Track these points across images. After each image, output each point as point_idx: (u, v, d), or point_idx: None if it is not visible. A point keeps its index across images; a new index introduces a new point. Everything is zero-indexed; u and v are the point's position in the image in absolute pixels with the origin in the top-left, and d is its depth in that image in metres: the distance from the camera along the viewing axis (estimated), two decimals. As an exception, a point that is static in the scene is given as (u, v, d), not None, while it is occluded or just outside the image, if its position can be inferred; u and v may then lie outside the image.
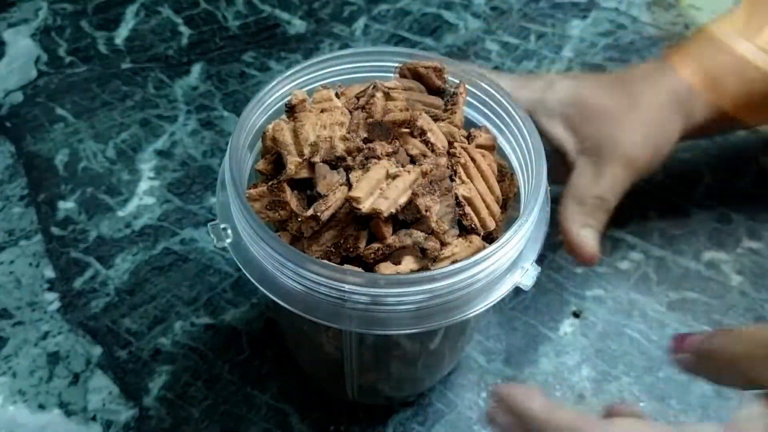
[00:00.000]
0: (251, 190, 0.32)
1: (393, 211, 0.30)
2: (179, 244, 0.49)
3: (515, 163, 0.36)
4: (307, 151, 0.32)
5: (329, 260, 0.31)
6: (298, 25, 0.65)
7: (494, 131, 0.37)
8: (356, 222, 0.31)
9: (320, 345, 0.37)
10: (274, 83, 0.36)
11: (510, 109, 0.36)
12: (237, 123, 0.34)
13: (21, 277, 0.48)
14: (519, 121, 0.35)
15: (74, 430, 0.41)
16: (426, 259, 0.31)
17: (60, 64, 0.61)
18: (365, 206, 0.30)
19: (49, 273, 0.48)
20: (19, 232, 0.50)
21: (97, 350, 0.44)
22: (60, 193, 0.52)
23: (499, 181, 0.35)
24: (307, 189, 0.32)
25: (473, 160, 0.33)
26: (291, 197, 0.32)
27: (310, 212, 0.31)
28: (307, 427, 0.41)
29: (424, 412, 0.42)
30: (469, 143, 0.35)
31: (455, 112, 0.35)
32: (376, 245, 0.31)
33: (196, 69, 0.61)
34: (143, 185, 0.53)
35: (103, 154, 0.54)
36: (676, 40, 0.63)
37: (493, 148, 0.36)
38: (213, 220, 0.33)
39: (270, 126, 0.34)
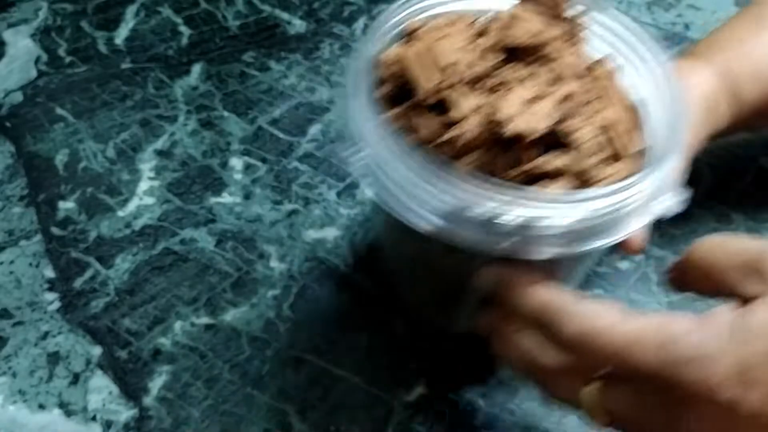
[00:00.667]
0: (386, 114, 0.30)
1: (540, 133, 0.28)
2: (179, 244, 0.49)
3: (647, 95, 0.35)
4: (437, 75, 0.30)
5: None
6: (298, 25, 0.65)
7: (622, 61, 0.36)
8: (500, 146, 0.29)
9: (441, 272, 0.35)
10: (387, 14, 0.34)
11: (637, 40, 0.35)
12: (355, 53, 0.33)
13: (21, 277, 0.48)
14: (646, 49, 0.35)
15: (74, 430, 0.41)
16: (578, 182, 0.29)
17: (60, 64, 0.61)
18: (511, 128, 0.28)
19: (49, 273, 0.48)
20: (19, 232, 0.50)
21: (97, 350, 0.44)
22: (60, 193, 0.52)
23: None
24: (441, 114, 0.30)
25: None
26: (430, 119, 0.30)
27: (448, 135, 0.29)
28: (307, 427, 0.41)
29: (424, 413, 0.42)
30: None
31: (576, 44, 0.33)
32: (523, 167, 0.29)
33: (196, 69, 0.61)
34: (143, 185, 0.53)
35: (103, 154, 0.55)
36: (675, 41, 0.63)
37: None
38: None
39: (391, 51, 0.32)
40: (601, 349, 0.28)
